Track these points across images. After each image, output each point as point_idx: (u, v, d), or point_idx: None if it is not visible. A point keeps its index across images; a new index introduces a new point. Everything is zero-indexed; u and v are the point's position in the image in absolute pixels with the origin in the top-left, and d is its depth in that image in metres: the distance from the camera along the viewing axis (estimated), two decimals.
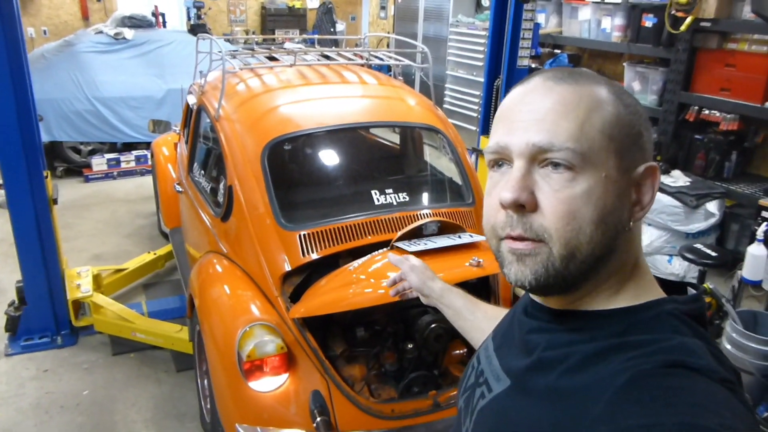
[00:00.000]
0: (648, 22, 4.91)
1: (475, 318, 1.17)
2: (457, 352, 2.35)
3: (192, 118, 3.28)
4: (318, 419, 2.00)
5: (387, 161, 3.32)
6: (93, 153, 6.23)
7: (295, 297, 2.22)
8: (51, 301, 3.33)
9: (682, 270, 4.11)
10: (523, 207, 0.69)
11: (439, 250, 2.19)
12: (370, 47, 6.87)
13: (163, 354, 3.28)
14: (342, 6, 11.27)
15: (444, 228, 2.34)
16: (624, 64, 5.30)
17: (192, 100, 3.34)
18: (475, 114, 6.61)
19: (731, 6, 4.37)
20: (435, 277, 1.26)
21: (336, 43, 9.47)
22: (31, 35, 8.61)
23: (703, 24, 4.42)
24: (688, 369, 0.61)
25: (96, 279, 3.59)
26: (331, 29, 10.55)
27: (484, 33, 6.21)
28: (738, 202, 4.33)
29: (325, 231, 2.29)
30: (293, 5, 10.77)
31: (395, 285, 1.32)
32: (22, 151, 3.04)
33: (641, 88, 5.10)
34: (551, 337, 0.75)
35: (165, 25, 9.26)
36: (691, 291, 0.76)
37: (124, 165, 6.26)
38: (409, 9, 8.13)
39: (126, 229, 4.98)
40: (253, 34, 10.18)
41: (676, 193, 4.10)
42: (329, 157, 2.87)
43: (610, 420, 0.60)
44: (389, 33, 9.51)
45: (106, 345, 3.37)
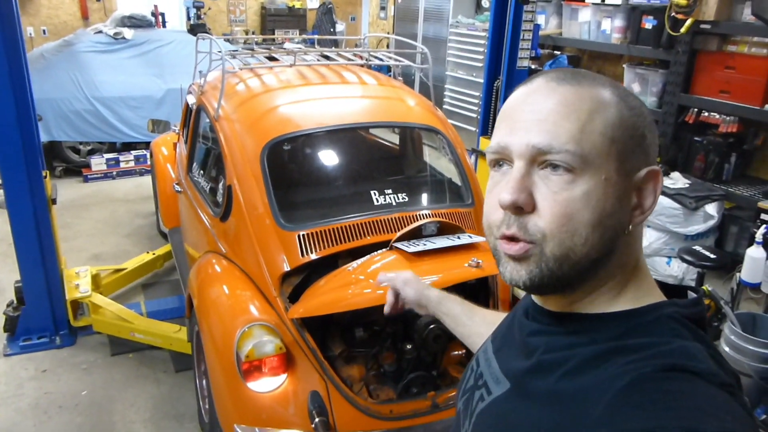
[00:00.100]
0: (648, 23, 4.91)
1: (474, 323, 1.16)
2: (456, 353, 2.35)
3: (191, 118, 3.28)
4: (316, 420, 1.99)
5: (386, 162, 3.32)
6: (92, 153, 6.22)
7: (294, 297, 2.22)
8: (50, 301, 3.32)
9: (680, 272, 4.10)
10: (521, 209, 0.69)
11: (439, 250, 2.19)
12: (369, 48, 6.88)
13: (162, 354, 3.28)
14: (342, 6, 11.27)
15: (443, 229, 2.33)
16: (624, 65, 5.30)
17: (191, 99, 3.34)
18: (475, 115, 6.62)
19: (731, 8, 4.38)
20: (429, 287, 1.25)
21: (336, 44, 9.47)
22: (31, 35, 8.60)
23: (703, 26, 4.42)
24: (688, 373, 0.61)
25: (95, 279, 3.59)
26: (331, 29, 10.56)
27: (483, 34, 6.21)
28: (737, 204, 4.34)
29: (325, 231, 2.29)
30: (293, 5, 10.77)
31: (393, 303, 1.27)
32: (21, 151, 3.04)
33: (641, 89, 5.10)
34: (551, 340, 0.74)
35: (164, 25, 9.26)
36: (692, 295, 0.76)
37: (123, 165, 6.25)
38: (409, 9, 8.14)
39: (125, 229, 4.97)
40: (253, 34, 10.18)
41: (675, 195, 4.10)
42: (329, 158, 2.87)
43: (609, 423, 0.60)
44: (389, 33, 9.51)
45: (104, 345, 3.37)
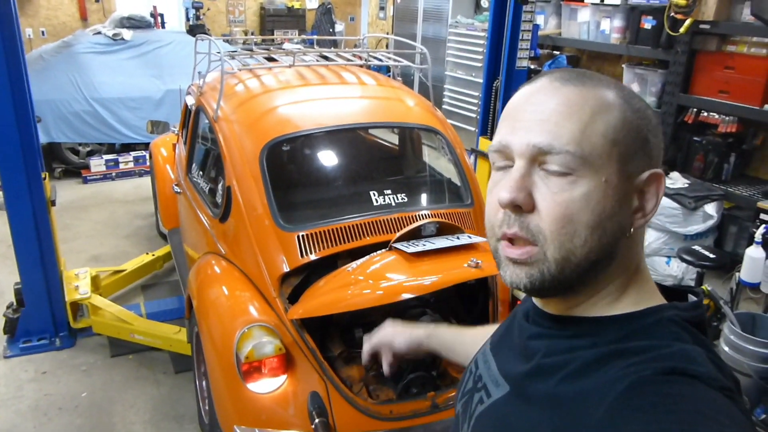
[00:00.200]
0: (647, 24, 4.91)
1: (465, 342, 1.13)
2: None
3: (190, 118, 3.28)
4: (316, 420, 1.99)
5: (386, 162, 3.32)
6: (91, 154, 6.21)
7: (294, 298, 2.22)
8: (49, 303, 3.32)
9: (680, 272, 4.11)
10: (520, 208, 0.69)
11: (438, 251, 2.19)
12: (369, 48, 6.88)
13: (162, 355, 3.28)
14: (341, 6, 11.27)
15: (443, 229, 2.33)
16: (623, 65, 5.31)
17: (190, 100, 3.34)
18: (474, 115, 6.61)
19: (730, 8, 4.38)
20: (413, 326, 1.21)
21: (335, 44, 9.46)
22: (29, 36, 8.59)
23: (702, 26, 4.42)
24: (688, 376, 0.61)
25: (94, 280, 3.58)
26: (330, 30, 10.55)
27: (483, 34, 6.21)
28: (736, 204, 4.34)
29: (324, 232, 2.29)
30: (292, 6, 10.76)
31: (392, 361, 1.19)
32: (20, 153, 3.03)
33: (640, 90, 5.10)
34: (551, 343, 0.74)
35: (163, 26, 9.24)
36: (692, 297, 0.76)
37: (122, 166, 6.25)
38: (408, 10, 8.14)
39: (124, 230, 4.97)
40: (252, 34, 10.18)
41: (674, 195, 4.11)
42: (328, 158, 2.87)
43: (610, 426, 0.60)
44: (388, 34, 9.51)
45: (104, 346, 3.36)
